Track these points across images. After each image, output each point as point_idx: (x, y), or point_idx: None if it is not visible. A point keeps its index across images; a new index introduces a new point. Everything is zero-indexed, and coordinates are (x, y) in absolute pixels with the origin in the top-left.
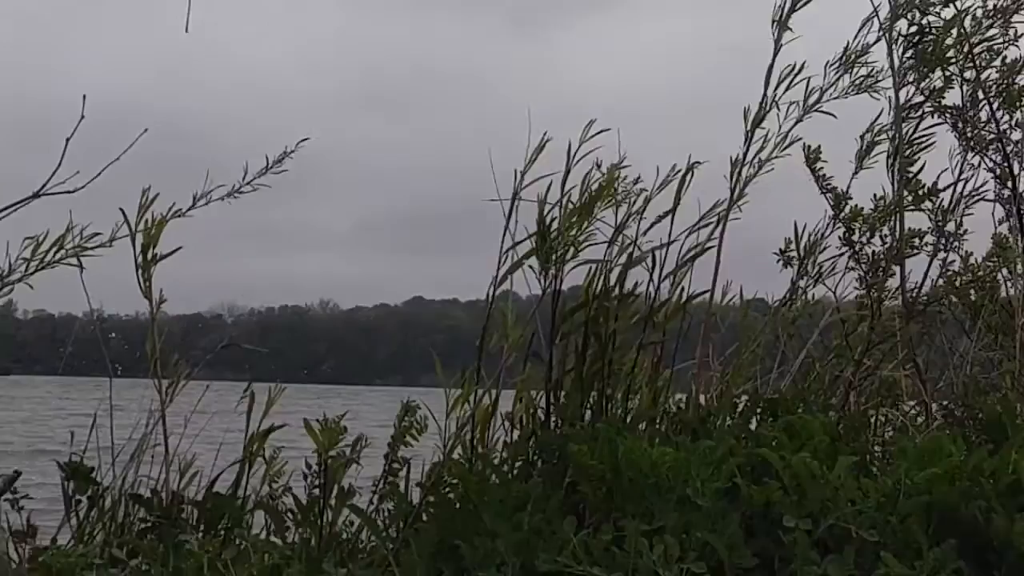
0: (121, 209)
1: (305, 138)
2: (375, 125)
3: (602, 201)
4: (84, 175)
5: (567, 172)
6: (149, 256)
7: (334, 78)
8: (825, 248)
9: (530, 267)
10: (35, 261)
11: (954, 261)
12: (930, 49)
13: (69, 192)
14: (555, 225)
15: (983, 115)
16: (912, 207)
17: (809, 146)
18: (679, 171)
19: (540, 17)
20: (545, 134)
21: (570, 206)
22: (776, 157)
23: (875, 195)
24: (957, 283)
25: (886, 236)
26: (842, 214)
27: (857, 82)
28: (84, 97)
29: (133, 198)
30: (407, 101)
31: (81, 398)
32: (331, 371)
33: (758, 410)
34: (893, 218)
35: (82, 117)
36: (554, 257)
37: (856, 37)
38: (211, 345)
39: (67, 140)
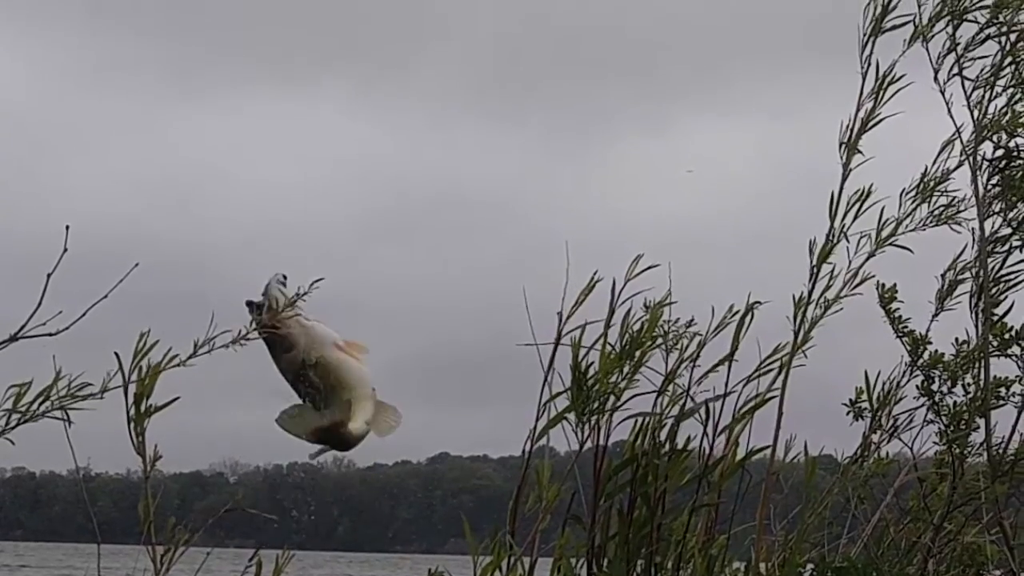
0: (116, 353)
1: (320, 278)
2: (398, 258)
3: (645, 343)
4: (78, 311)
5: (610, 312)
6: (143, 408)
7: (357, 206)
8: (901, 399)
9: (567, 420)
10: (17, 413)
11: None
12: (1019, 175)
13: (50, 335)
14: (592, 372)
15: None
16: (998, 353)
17: (883, 284)
18: (737, 312)
19: (579, 141)
20: (595, 274)
21: (609, 350)
22: (846, 296)
23: (957, 339)
24: None
25: (969, 385)
26: (920, 360)
27: (936, 212)
28: (67, 228)
29: (129, 337)
30: (432, 230)
31: (67, 565)
32: (346, 535)
33: None
34: (977, 365)
35: (64, 250)
36: (591, 408)
37: (935, 162)
38: (212, 506)
39: (48, 276)
